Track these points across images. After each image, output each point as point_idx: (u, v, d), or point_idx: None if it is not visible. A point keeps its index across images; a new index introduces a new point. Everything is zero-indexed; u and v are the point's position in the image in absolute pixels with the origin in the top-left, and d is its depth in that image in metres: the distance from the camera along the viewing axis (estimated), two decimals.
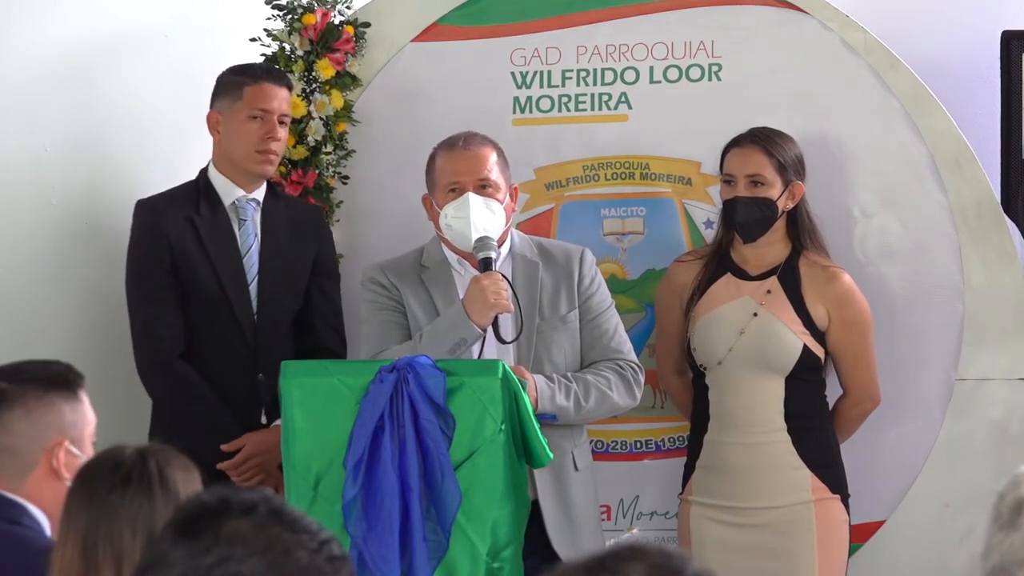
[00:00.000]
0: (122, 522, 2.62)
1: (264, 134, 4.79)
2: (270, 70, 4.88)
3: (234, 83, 4.83)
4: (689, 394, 4.87)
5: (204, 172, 4.88)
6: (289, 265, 4.86)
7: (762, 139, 4.72)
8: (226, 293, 4.79)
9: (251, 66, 4.91)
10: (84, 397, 3.09)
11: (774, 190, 4.71)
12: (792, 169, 4.72)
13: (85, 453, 3.04)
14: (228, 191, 4.85)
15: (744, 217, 4.72)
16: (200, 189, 4.86)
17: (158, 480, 2.65)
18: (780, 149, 4.71)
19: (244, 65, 4.91)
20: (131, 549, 2.60)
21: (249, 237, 4.85)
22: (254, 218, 4.86)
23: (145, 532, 2.60)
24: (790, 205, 4.74)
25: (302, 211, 4.97)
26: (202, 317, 4.80)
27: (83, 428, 3.04)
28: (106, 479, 2.67)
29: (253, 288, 4.82)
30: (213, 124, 4.85)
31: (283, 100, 4.83)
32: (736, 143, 4.75)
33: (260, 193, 4.88)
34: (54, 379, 3.06)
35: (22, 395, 3.03)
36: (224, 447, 4.73)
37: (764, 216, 4.71)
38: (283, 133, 4.85)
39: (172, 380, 4.77)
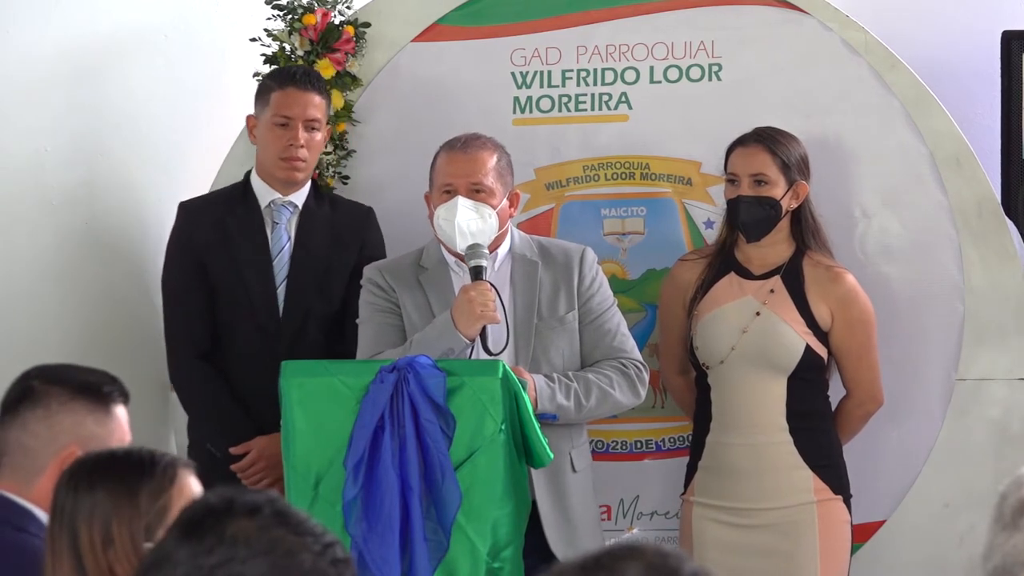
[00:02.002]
0: (55, 520, 2.61)
1: (287, 141, 4.79)
2: (296, 74, 4.85)
3: (265, 88, 4.85)
4: (692, 394, 4.86)
5: (248, 174, 4.90)
6: (323, 269, 4.83)
7: (766, 138, 4.72)
8: (250, 294, 4.79)
9: (282, 70, 4.90)
10: (118, 414, 3.03)
11: (778, 189, 4.71)
12: (796, 168, 4.72)
13: None
14: (265, 194, 4.87)
15: (747, 216, 4.71)
16: (241, 192, 4.87)
17: (86, 480, 2.61)
18: (784, 148, 4.71)
19: (279, 69, 4.92)
20: (60, 547, 2.58)
21: (281, 239, 4.85)
22: (289, 221, 4.86)
23: (69, 531, 2.58)
24: (794, 205, 4.73)
25: (348, 214, 4.94)
26: (228, 318, 4.82)
27: (105, 443, 2.95)
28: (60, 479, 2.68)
29: (281, 291, 4.82)
30: (251, 128, 4.87)
31: (310, 105, 4.80)
32: (740, 142, 4.74)
33: (300, 196, 4.88)
34: (84, 387, 3.03)
35: (47, 396, 3.01)
36: (232, 450, 4.75)
37: (767, 215, 4.71)
38: (313, 138, 4.82)
39: (189, 381, 4.82)
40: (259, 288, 4.80)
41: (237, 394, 4.79)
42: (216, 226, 4.83)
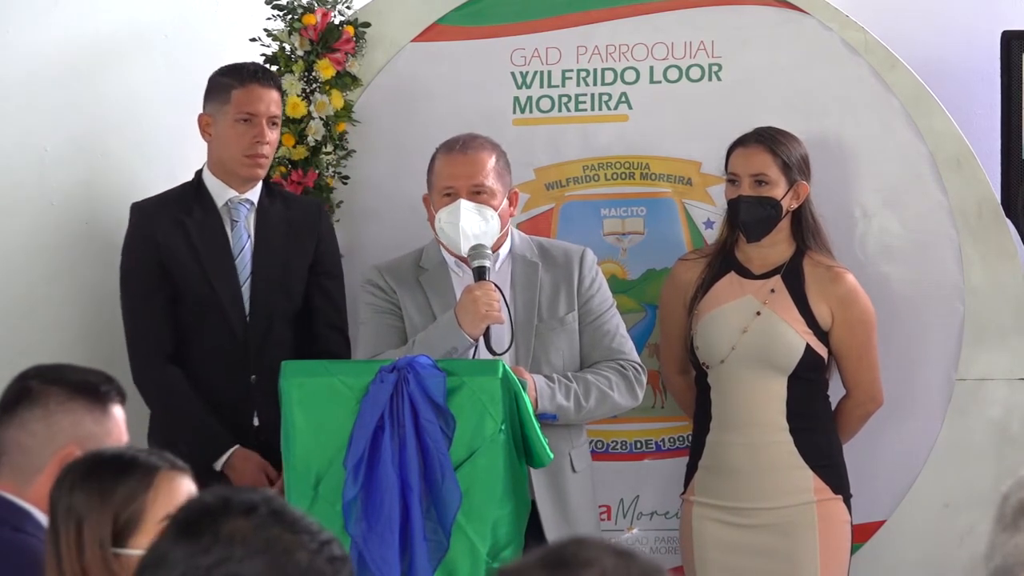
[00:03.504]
0: (50, 520, 2.63)
1: (252, 138, 4.75)
2: (257, 71, 4.82)
3: (223, 85, 4.79)
4: (692, 393, 4.87)
5: (199, 173, 4.87)
6: (283, 266, 4.81)
7: (767, 138, 4.72)
8: (216, 294, 4.75)
9: (239, 67, 4.84)
10: (115, 413, 3.04)
11: (778, 189, 4.71)
12: (797, 168, 4.72)
13: None
14: (221, 192, 4.82)
15: (748, 216, 4.71)
16: (194, 191, 4.84)
17: (70, 481, 2.62)
18: (785, 149, 4.71)
19: (232, 66, 4.84)
20: (51, 548, 2.59)
21: (241, 238, 4.82)
22: (247, 219, 4.82)
23: (73, 528, 2.59)
24: (794, 205, 4.74)
25: (301, 210, 4.91)
26: (193, 319, 4.77)
27: (103, 442, 2.96)
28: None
29: (246, 289, 4.78)
30: (204, 126, 4.82)
31: (272, 102, 4.77)
32: (741, 142, 4.75)
33: (255, 194, 4.84)
34: (82, 387, 3.03)
35: (45, 395, 3.01)
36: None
37: (768, 215, 4.71)
38: (273, 135, 4.80)
39: (155, 384, 4.73)
40: (225, 288, 4.76)
41: (204, 396, 4.72)
42: (174, 227, 4.77)
